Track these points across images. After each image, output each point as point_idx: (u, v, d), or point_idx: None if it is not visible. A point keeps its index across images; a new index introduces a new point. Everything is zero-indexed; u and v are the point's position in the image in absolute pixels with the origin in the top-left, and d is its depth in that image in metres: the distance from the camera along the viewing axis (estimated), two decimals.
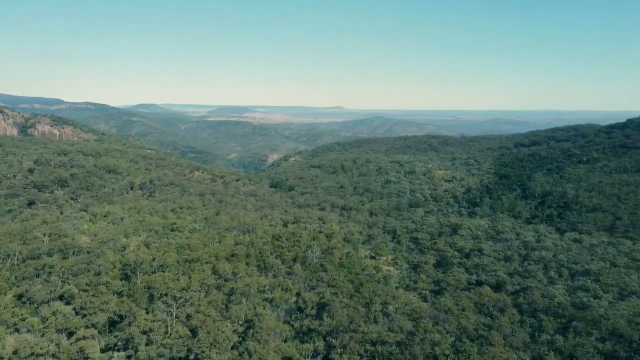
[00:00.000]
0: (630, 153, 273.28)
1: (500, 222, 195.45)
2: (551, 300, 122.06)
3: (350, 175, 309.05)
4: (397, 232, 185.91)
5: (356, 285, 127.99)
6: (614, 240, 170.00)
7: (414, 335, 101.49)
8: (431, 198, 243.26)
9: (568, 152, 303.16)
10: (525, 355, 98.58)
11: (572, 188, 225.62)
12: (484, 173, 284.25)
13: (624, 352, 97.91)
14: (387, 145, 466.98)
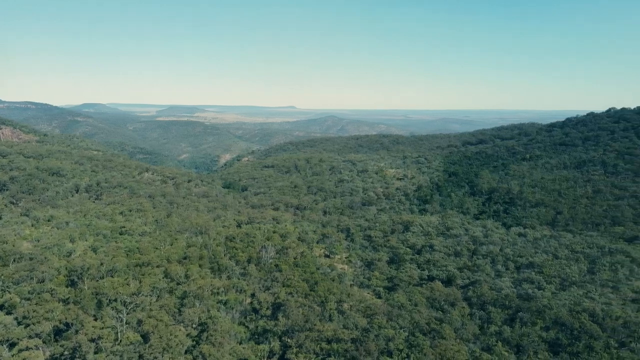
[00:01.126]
0: (569, 150, 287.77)
1: (450, 219, 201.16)
2: (499, 293, 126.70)
3: (303, 175, 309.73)
4: (351, 231, 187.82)
5: (311, 284, 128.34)
6: (555, 234, 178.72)
7: (368, 332, 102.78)
8: (383, 196, 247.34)
9: (512, 150, 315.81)
10: (475, 347, 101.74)
11: (517, 184, 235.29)
12: (434, 171, 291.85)
13: (566, 339, 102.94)
14: (340, 145, 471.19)
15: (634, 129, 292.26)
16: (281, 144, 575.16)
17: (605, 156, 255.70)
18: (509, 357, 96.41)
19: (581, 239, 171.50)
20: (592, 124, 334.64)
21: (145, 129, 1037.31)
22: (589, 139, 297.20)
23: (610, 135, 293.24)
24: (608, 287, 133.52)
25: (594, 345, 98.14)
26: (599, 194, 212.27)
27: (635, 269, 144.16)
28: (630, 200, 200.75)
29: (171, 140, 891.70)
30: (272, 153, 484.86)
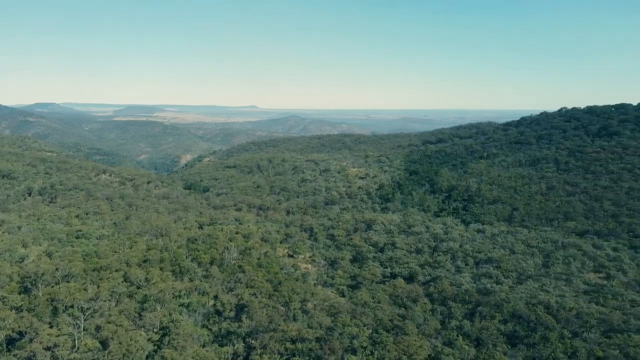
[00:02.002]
0: (524, 148, 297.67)
1: (411, 216, 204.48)
2: (459, 288, 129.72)
3: (266, 175, 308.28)
4: (314, 230, 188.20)
5: (275, 284, 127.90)
6: (512, 229, 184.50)
7: (332, 330, 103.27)
8: (346, 195, 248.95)
9: (471, 149, 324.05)
10: (436, 342, 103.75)
11: (475, 182, 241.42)
12: (395, 170, 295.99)
13: (523, 331, 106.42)
14: (302, 144, 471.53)
15: (584, 127, 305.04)
16: (243, 144, 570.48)
17: (558, 154, 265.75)
18: (469, 351, 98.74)
19: (536, 234, 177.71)
20: (545, 123, 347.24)
21: (102, 129, 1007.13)
22: (543, 138, 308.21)
23: (562, 134, 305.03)
24: (562, 279, 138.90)
25: (549, 336, 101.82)
26: (552, 190, 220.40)
27: (586, 262, 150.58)
28: (581, 196, 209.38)
29: (129, 140, 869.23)
30: (234, 153, 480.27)
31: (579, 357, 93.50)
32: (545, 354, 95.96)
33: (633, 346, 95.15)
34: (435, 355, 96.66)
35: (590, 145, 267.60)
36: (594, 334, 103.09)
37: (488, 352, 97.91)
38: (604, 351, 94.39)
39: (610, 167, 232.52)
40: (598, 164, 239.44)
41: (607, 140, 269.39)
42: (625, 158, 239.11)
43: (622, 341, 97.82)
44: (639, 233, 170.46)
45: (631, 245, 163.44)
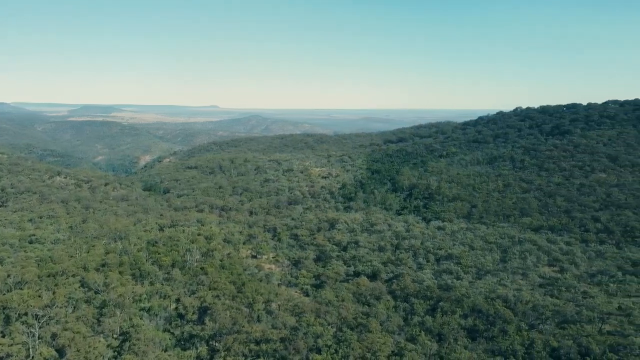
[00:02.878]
0: (481, 147, 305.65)
1: (374, 215, 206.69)
2: (421, 285, 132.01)
3: (228, 175, 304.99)
4: (278, 230, 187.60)
5: (238, 285, 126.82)
6: (471, 226, 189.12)
7: (297, 330, 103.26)
8: (309, 195, 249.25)
9: (430, 148, 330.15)
10: (400, 338, 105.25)
11: (435, 180, 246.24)
12: (358, 169, 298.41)
13: (483, 325, 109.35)
14: (264, 144, 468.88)
15: (537, 126, 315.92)
16: (204, 144, 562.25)
17: (514, 152, 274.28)
18: (432, 346, 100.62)
19: (494, 230, 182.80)
20: (501, 122, 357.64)
21: (55, 129, 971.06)
22: (499, 136, 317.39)
23: (517, 133, 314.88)
24: (518, 274, 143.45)
25: (507, 329, 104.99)
26: (508, 187, 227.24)
27: (541, 256, 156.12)
28: (536, 192, 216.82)
29: (85, 141, 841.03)
30: (195, 153, 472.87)
31: (536, 348, 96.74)
32: (503, 346, 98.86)
33: (585, 336, 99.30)
34: (398, 351, 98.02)
35: (544, 143, 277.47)
36: (549, 326, 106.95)
37: (449, 346, 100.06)
38: (559, 342, 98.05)
39: (563, 164, 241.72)
40: (551, 161, 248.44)
41: (560, 138, 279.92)
42: (576, 156, 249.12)
43: (575, 331, 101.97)
44: (589, 228, 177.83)
45: (582, 240, 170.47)
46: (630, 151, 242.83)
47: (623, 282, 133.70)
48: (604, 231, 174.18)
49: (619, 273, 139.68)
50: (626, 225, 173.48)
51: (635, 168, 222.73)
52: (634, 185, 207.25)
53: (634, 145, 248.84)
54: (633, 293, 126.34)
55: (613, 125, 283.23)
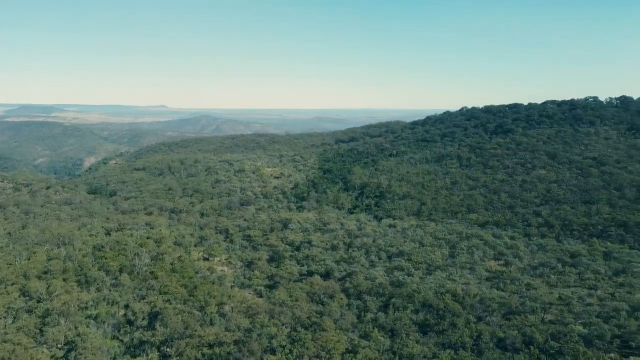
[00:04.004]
0: (430, 146, 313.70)
1: (326, 214, 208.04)
2: (373, 282, 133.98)
3: (178, 177, 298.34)
4: (230, 231, 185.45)
5: (190, 289, 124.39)
6: (421, 223, 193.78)
7: (251, 332, 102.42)
8: (261, 195, 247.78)
9: (381, 147, 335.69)
10: (353, 335, 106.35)
11: (386, 179, 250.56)
12: (310, 169, 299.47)
13: (433, 319, 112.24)
14: (215, 145, 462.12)
15: (482, 125, 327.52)
16: (153, 145, 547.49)
17: (460, 150, 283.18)
18: (384, 342, 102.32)
19: (442, 226, 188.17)
20: (448, 121, 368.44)
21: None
22: (446, 135, 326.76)
23: (463, 132, 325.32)
24: (466, 268, 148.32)
25: (456, 322, 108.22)
26: (456, 185, 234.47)
27: (487, 251, 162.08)
28: (481, 189, 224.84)
29: (24, 143, 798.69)
30: (142, 154, 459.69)
31: (483, 339, 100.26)
32: (453, 339, 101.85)
33: (529, 326, 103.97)
34: (352, 348, 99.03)
35: (489, 142, 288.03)
36: (496, 317, 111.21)
37: (402, 341, 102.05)
38: (505, 332, 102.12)
39: (506, 162, 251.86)
40: (495, 159, 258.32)
41: (503, 137, 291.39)
42: (518, 153, 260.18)
43: (520, 322, 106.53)
44: (531, 222, 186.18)
45: (525, 234, 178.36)
46: (567, 149, 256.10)
47: (563, 273, 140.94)
48: (544, 225, 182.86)
49: (559, 265, 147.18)
50: (565, 219, 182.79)
51: (572, 165, 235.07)
52: (571, 181, 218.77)
53: (571, 143, 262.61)
54: (572, 283, 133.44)
55: (552, 124, 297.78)
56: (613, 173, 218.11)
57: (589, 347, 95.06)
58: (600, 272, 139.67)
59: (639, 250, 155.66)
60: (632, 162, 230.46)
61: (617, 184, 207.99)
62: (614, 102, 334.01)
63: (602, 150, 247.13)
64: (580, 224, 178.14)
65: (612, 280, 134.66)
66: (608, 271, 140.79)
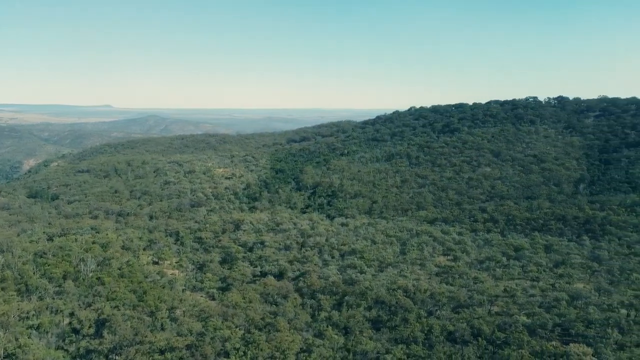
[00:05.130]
0: (380, 145, 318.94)
1: (279, 214, 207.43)
2: (326, 281, 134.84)
3: (125, 179, 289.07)
4: (181, 234, 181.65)
5: (139, 294, 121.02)
6: (372, 221, 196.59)
7: (204, 336, 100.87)
8: (213, 196, 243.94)
9: (332, 146, 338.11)
10: (308, 335, 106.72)
11: (338, 178, 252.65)
12: (262, 169, 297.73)
13: (386, 316, 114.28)
14: (164, 145, 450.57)
15: (430, 125, 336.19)
16: (97, 147, 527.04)
17: (409, 149, 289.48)
18: (338, 340, 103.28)
19: (393, 224, 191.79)
20: (397, 121, 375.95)
21: None
22: (396, 135, 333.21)
23: (412, 131, 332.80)
24: (417, 264, 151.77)
25: (408, 318, 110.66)
26: (405, 183, 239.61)
27: (436, 247, 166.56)
28: (430, 187, 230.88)
29: None
30: (87, 156, 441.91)
31: (434, 333, 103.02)
32: (405, 334, 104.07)
33: (477, 318, 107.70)
34: (307, 348, 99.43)
35: (436, 140, 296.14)
36: (446, 311, 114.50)
37: (355, 338, 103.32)
38: (454, 325, 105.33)
39: (453, 160, 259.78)
40: (443, 157, 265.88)
41: (450, 136, 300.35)
42: (465, 152, 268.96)
43: (468, 315, 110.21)
44: (478, 218, 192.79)
45: (472, 229, 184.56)
46: (510, 147, 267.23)
47: (507, 267, 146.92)
48: (490, 220, 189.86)
49: (504, 258, 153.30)
50: (508, 215, 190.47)
51: (515, 162, 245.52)
52: (514, 177, 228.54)
53: (513, 142, 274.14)
54: (516, 276, 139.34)
55: (495, 123, 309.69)
56: (552, 169, 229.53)
57: (533, 336, 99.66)
58: (541, 264, 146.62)
59: (576, 243, 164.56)
60: (569, 158, 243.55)
61: (555, 180, 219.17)
62: (552, 102, 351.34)
63: (542, 148, 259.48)
64: (522, 218, 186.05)
65: (553, 271, 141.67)
66: (549, 263, 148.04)
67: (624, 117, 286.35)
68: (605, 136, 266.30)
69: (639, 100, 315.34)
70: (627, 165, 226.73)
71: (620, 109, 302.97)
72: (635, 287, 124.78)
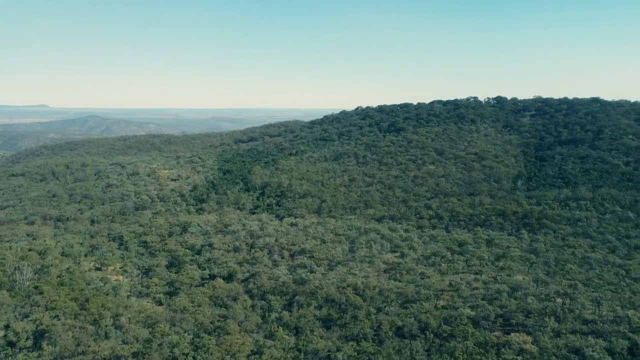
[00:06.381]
0: (328, 144, 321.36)
1: (227, 215, 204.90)
2: (277, 281, 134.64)
3: (64, 182, 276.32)
4: (124, 238, 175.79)
5: (81, 302, 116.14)
6: (321, 220, 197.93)
7: (151, 342, 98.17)
8: (158, 199, 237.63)
9: (281, 146, 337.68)
10: (258, 336, 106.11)
11: (286, 178, 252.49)
12: (209, 170, 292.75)
13: (336, 314, 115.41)
14: (105, 147, 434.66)
15: (377, 124, 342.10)
16: (33, 149, 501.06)
17: (357, 148, 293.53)
18: (290, 340, 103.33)
19: (342, 222, 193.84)
20: (345, 120, 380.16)
21: None
22: (344, 134, 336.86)
23: (359, 130, 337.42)
24: (366, 262, 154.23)
25: (358, 315, 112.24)
26: (353, 182, 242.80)
27: (384, 244, 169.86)
28: (377, 185, 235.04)
29: None
30: (21, 159, 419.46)
31: (383, 329, 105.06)
32: (355, 331, 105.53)
33: (424, 312, 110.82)
34: (257, 349, 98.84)
35: (383, 140, 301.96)
36: (394, 307, 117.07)
37: (306, 338, 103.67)
38: (403, 320, 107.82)
39: (399, 158, 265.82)
40: (389, 156, 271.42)
41: (396, 135, 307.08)
42: (410, 150, 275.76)
43: (416, 310, 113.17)
44: (423, 215, 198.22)
45: (418, 226, 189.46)
46: (453, 145, 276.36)
47: (452, 261, 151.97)
48: (435, 217, 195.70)
49: (449, 253, 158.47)
50: (452, 211, 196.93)
51: (458, 160, 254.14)
52: (457, 175, 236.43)
53: (456, 140, 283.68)
54: (460, 270, 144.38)
55: (439, 123, 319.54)
56: (492, 167, 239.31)
57: (477, 328, 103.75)
58: (484, 258, 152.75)
59: (515, 237, 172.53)
60: (508, 156, 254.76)
61: (496, 177, 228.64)
62: (491, 102, 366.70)
63: (482, 146, 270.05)
64: (465, 214, 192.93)
65: (494, 264, 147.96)
66: (491, 257, 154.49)
67: (557, 116, 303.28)
68: (540, 134, 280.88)
69: (570, 100, 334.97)
70: (560, 162, 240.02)
71: (554, 109, 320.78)
72: (569, 277, 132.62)
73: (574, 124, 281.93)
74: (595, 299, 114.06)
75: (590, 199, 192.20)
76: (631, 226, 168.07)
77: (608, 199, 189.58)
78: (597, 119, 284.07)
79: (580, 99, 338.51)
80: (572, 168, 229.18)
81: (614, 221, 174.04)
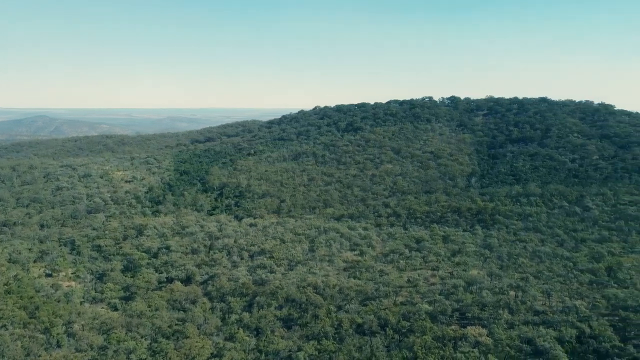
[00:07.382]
0: (286, 144, 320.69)
1: (185, 217, 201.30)
2: (236, 282, 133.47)
3: (10, 185, 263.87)
4: (76, 242, 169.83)
5: (31, 310, 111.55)
6: (281, 220, 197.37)
7: (106, 349, 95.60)
8: (112, 201, 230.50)
9: (239, 146, 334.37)
10: (218, 339, 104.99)
11: (245, 178, 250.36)
12: (165, 171, 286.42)
13: (297, 313, 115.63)
14: (55, 148, 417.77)
15: (335, 124, 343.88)
16: None
17: (315, 148, 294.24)
18: (250, 341, 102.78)
19: (302, 222, 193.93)
20: (303, 120, 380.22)
21: None
22: (302, 134, 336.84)
23: (317, 130, 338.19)
24: (325, 261, 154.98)
25: (318, 314, 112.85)
26: (312, 181, 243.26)
27: (344, 243, 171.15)
28: (336, 185, 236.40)
29: None
30: None
31: (344, 327, 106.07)
32: (316, 330, 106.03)
33: (383, 309, 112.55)
34: (217, 352, 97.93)
35: (341, 139, 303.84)
36: (354, 305, 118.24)
37: (267, 338, 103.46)
38: (362, 318, 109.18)
39: (357, 158, 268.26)
40: (348, 155, 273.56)
41: (353, 134, 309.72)
42: (368, 150, 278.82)
43: (375, 307, 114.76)
44: (382, 213, 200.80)
45: (377, 224, 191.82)
46: (409, 144, 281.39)
47: (410, 258, 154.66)
48: (393, 215, 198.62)
49: (407, 250, 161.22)
50: (409, 209, 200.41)
51: (414, 159, 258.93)
52: (414, 173, 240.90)
53: (412, 139, 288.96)
54: (418, 266, 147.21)
55: (395, 122, 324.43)
56: (447, 165, 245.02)
57: (434, 322, 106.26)
58: (440, 254, 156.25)
59: (470, 232, 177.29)
60: (462, 154, 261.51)
61: (451, 175, 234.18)
62: (446, 101, 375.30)
63: (438, 145, 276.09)
64: (422, 212, 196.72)
65: (451, 260, 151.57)
66: (447, 252, 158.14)
67: (508, 116, 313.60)
68: (492, 133, 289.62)
69: (520, 100, 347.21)
70: (511, 160, 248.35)
71: (505, 108, 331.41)
72: (521, 270, 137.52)
73: (524, 123, 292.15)
74: (545, 291, 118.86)
75: (540, 194, 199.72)
76: (577, 220, 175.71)
77: (556, 195, 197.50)
78: (545, 118, 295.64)
79: (529, 99, 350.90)
80: (523, 165, 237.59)
81: (562, 216, 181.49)
